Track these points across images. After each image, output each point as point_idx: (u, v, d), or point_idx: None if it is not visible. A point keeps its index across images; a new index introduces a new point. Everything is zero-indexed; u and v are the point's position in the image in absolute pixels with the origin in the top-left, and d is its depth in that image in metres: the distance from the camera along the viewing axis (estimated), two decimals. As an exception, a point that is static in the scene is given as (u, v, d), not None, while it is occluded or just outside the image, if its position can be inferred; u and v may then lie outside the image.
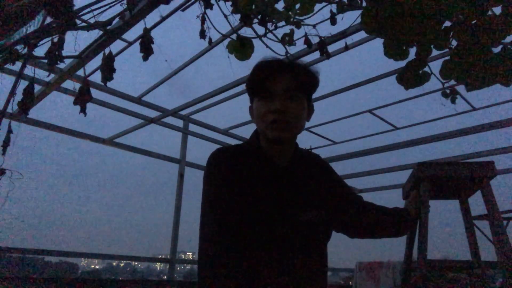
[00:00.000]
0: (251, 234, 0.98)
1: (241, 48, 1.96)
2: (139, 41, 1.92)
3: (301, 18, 2.02)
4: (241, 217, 0.99)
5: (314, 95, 1.26)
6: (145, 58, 1.90)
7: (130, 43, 3.26)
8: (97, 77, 3.91)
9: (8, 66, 1.69)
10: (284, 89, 1.10)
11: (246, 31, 2.03)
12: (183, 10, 2.43)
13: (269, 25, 2.00)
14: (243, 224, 0.98)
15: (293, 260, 1.01)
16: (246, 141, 1.23)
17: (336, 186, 1.27)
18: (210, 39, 2.04)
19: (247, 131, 5.56)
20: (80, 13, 1.75)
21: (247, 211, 1.01)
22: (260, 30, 2.02)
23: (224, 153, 1.13)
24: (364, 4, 1.60)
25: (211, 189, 1.07)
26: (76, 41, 1.83)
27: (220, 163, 1.10)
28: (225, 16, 1.96)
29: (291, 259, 1.01)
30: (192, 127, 5.26)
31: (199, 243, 1.13)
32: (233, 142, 5.52)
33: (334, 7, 2.01)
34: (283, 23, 2.02)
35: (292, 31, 2.10)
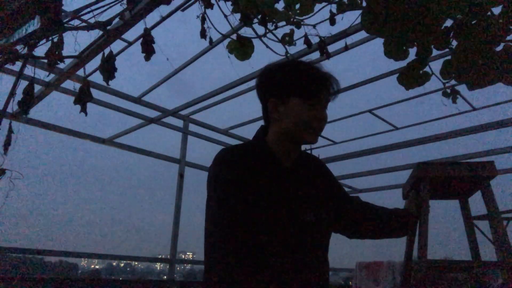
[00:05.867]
0: (260, 234, 1.01)
1: (241, 48, 1.97)
2: (139, 41, 1.92)
3: (301, 18, 2.02)
4: (251, 217, 1.01)
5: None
6: (147, 58, 1.90)
7: (130, 43, 3.26)
8: (97, 77, 3.91)
9: (8, 66, 1.69)
10: (328, 100, 1.18)
11: (246, 31, 2.03)
12: (183, 10, 2.43)
13: (269, 25, 2.00)
14: (253, 224, 1.01)
15: (298, 259, 1.04)
16: (252, 139, 1.23)
17: (334, 187, 1.29)
18: (210, 39, 2.04)
19: (247, 131, 5.56)
20: (80, 13, 1.75)
21: (257, 211, 1.03)
22: (260, 30, 2.02)
23: (232, 152, 1.15)
24: (364, 4, 1.60)
25: (221, 189, 1.07)
26: (76, 41, 1.83)
27: (229, 163, 1.11)
28: (225, 16, 1.96)
29: (296, 258, 1.04)
30: (192, 127, 5.25)
31: (205, 241, 1.13)
32: (233, 142, 5.51)
33: (334, 7, 2.01)
34: (283, 23, 2.02)
35: (292, 31, 2.10)
